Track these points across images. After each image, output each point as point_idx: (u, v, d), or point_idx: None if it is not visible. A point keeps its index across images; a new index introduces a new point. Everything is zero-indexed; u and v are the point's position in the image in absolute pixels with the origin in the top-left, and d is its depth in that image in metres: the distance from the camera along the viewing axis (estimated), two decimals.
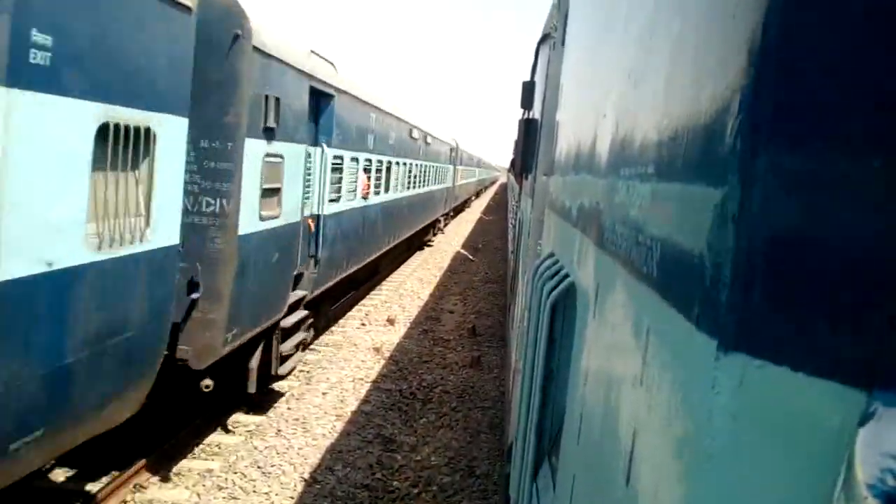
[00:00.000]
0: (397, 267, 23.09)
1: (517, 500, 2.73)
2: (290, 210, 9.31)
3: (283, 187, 8.89)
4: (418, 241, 27.56)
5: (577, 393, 1.78)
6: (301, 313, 10.41)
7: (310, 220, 10.79)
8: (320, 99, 10.68)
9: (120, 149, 5.30)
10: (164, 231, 6.16)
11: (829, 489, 0.61)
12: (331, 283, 12.33)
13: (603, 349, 1.48)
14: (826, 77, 0.67)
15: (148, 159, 5.77)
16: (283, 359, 9.81)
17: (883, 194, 0.64)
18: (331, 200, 11.61)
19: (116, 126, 5.20)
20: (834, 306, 0.65)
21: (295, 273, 10.07)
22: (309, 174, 10.41)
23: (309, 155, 10.25)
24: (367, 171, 14.28)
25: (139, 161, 5.67)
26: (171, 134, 6.06)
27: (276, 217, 8.70)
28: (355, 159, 13.16)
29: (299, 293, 10.50)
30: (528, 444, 2.48)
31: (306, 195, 10.36)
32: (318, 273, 11.23)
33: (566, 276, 2.26)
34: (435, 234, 32.35)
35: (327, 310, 13.83)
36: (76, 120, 4.80)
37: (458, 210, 46.61)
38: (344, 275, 13.25)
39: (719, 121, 0.79)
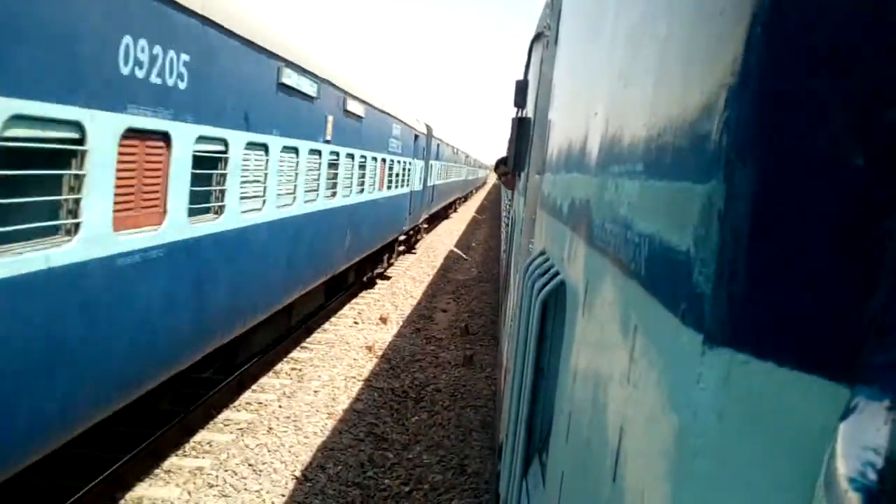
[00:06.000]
0: None
1: (507, 498, 2.74)
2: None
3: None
4: None
5: (567, 390, 1.78)
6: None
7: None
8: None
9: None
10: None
11: (812, 483, 0.62)
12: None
13: (592, 346, 1.48)
14: (811, 75, 0.67)
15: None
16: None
17: (866, 193, 0.64)
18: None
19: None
20: (818, 302, 0.66)
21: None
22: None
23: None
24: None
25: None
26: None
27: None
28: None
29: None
30: (518, 441, 2.48)
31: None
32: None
33: (556, 273, 2.26)
34: None
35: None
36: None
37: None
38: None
39: (706, 119, 0.79)
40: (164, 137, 6.18)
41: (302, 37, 10.44)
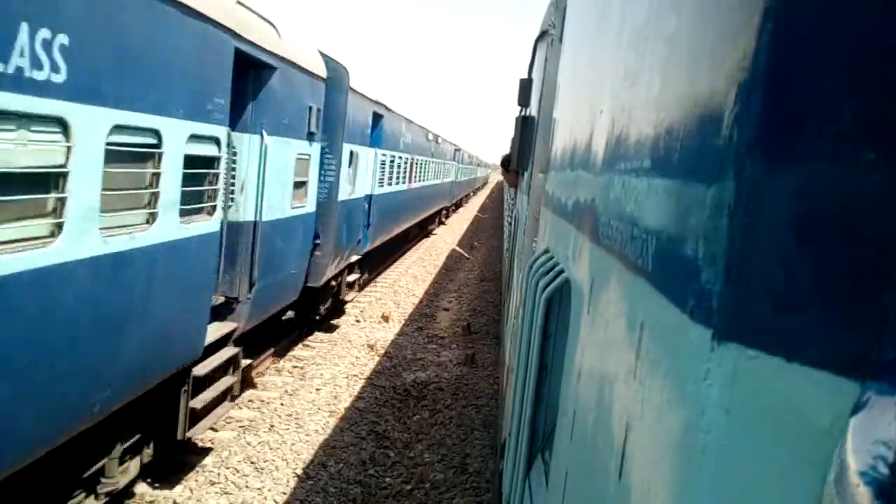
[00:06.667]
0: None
1: (510, 496, 2.74)
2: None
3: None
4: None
5: (571, 388, 1.78)
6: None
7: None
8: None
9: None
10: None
11: (823, 479, 0.62)
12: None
13: (597, 344, 1.48)
14: (821, 72, 0.67)
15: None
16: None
17: (876, 189, 0.64)
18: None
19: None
20: (827, 298, 0.66)
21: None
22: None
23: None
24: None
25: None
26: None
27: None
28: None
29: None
30: (522, 439, 2.48)
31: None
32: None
33: (561, 271, 2.26)
34: None
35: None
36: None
37: None
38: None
39: (716, 115, 0.79)
40: None
41: None
